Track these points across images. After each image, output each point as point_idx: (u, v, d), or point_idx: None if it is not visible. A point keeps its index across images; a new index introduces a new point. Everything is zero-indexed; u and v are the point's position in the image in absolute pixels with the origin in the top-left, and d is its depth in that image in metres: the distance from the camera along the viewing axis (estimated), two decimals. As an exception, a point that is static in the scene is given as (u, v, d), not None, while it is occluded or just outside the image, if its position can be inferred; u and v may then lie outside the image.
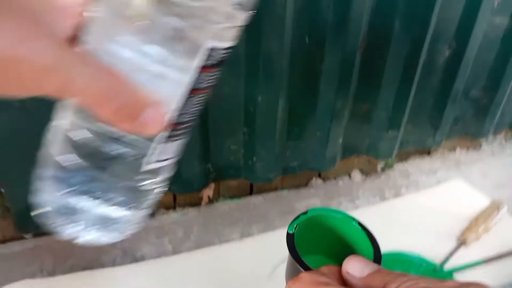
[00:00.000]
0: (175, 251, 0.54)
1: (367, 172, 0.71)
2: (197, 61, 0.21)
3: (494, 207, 0.61)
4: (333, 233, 0.33)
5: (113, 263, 0.52)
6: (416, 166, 0.74)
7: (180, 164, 0.53)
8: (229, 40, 0.22)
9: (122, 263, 0.52)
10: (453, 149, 0.78)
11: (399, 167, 0.73)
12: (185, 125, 0.23)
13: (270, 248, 0.53)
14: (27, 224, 0.51)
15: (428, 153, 0.76)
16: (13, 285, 0.46)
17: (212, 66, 0.22)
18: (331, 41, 0.51)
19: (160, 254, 0.53)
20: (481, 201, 0.64)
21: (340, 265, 0.27)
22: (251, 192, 0.65)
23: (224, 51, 0.22)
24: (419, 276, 0.25)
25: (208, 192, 0.59)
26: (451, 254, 0.54)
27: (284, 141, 0.58)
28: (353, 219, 0.32)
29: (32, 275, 0.49)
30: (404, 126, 0.65)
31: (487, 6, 0.59)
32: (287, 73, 0.52)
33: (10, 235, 0.53)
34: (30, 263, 0.51)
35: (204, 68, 0.21)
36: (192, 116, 0.23)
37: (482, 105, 0.72)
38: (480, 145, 0.81)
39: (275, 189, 0.65)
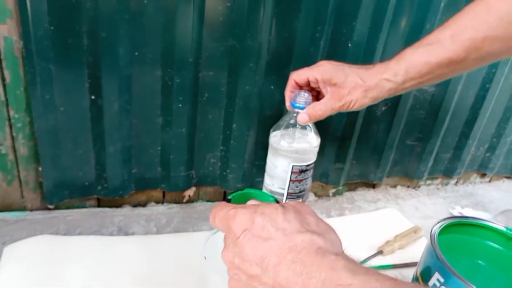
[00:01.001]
0: (158, 232, 0.70)
1: (320, 195, 0.88)
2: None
3: (413, 230, 0.78)
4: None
5: (110, 235, 0.68)
6: (361, 195, 0.91)
7: (170, 168, 0.71)
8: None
9: (117, 236, 0.68)
10: (394, 186, 0.95)
11: (347, 194, 0.90)
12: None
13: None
14: (52, 198, 0.68)
15: (373, 186, 0.94)
16: (35, 237, 0.63)
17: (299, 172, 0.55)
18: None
19: (147, 233, 0.70)
20: (405, 225, 0.80)
21: None
22: (224, 198, 0.82)
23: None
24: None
25: (189, 192, 0.76)
26: (369, 258, 0.70)
27: (251, 160, 0.76)
28: (272, 196, 0.49)
29: (50, 236, 0.66)
30: (350, 161, 0.83)
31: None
32: (257, 110, 0.71)
33: (37, 206, 0.70)
34: (49, 228, 0.68)
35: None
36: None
37: (417, 152, 0.90)
38: (419, 186, 0.98)
39: (244, 198, 0.83)
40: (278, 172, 0.61)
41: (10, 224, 0.66)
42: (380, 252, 0.72)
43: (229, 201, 0.46)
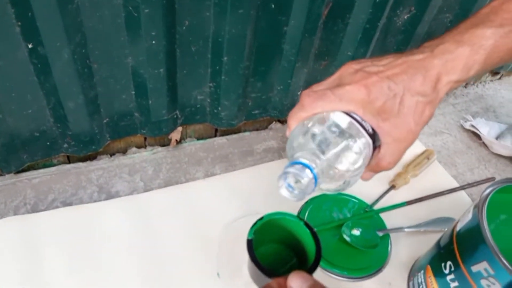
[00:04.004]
0: (146, 188, 0.61)
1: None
2: None
3: (425, 156, 0.71)
4: (285, 233, 0.40)
5: (91, 198, 0.58)
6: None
7: (150, 113, 0.58)
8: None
9: (98, 198, 0.59)
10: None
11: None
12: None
13: (231, 186, 0.62)
14: (8, 166, 0.55)
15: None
16: (2, 221, 0.52)
17: None
18: (297, 7, 0.53)
19: (133, 191, 0.60)
20: (416, 149, 0.73)
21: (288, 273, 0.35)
22: (215, 134, 0.71)
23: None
24: None
25: (176, 136, 0.64)
26: (381, 196, 0.65)
27: (247, 93, 0.63)
28: (301, 219, 0.39)
29: (17, 208, 0.55)
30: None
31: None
32: (252, 37, 0.55)
33: (-8, 172, 0.58)
34: (13, 198, 0.57)
35: None
36: None
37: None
38: (427, 93, 0.88)
39: (238, 131, 0.72)
40: None
41: (-36, 200, 0.55)
42: (392, 187, 0.66)
43: (250, 244, 0.35)
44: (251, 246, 0.37)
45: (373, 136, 0.41)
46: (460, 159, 0.75)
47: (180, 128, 0.65)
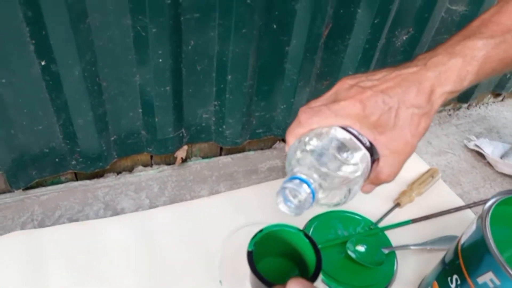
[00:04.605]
0: (152, 205, 0.62)
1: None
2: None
3: (429, 174, 0.71)
4: (285, 245, 0.41)
5: (97, 215, 0.59)
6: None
7: (156, 131, 0.59)
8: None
9: (104, 215, 0.59)
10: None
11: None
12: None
13: (235, 204, 0.62)
14: (17, 182, 0.56)
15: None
16: (8, 235, 0.53)
17: None
18: (298, 28, 0.56)
19: (138, 208, 0.61)
20: (420, 168, 0.73)
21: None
22: (220, 153, 0.72)
23: None
24: None
25: (181, 154, 0.66)
26: (386, 214, 0.65)
27: (251, 112, 0.65)
28: (300, 230, 0.39)
29: (24, 224, 0.56)
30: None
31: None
32: (255, 56, 0.57)
33: (2, 188, 0.59)
34: (21, 214, 0.57)
35: None
36: None
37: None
38: (430, 114, 0.89)
39: (243, 150, 0.73)
40: None
41: (-27, 215, 0.56)
42: (397, 205, 0.66)
43: (251, 255, 0.36)
44: (251, 257, 0.37)
45: (371, 149, 0.42)
46: (465, 178, 0.74)
47: (185, 147, 0.66)
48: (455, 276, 0.45)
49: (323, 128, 0.41)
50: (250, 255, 0.37)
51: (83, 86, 0.50)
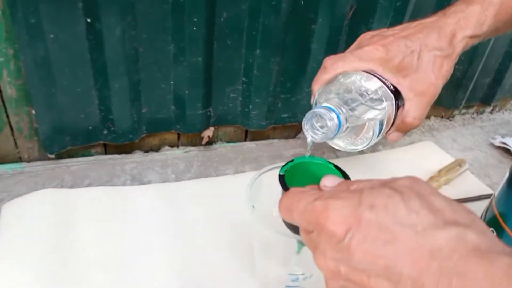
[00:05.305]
0: (177, 180, 0.62)
1: (349, 130, 0.79)
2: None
3: (457, 163, 0.70)
4: (314, 175, 0.41)
5: (124, 185, 0.60)
6: (394, 129, 0.82)
7: (185, 106, 0.61)
8: None
9: (131, 185, 0.60)
10: (428, 117, 0.87)
11: (378, 128, 0.82)
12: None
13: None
14: (52, 146, 0.58)
15: (406, 119, 0.85)
16: (37, 192, 0.54)
17: None
18: (323, 5, 0.59)
19: (164, 181, 0.61)
20: (446, 159, 0.73)
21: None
22: (245, 138, 0.73)
23: None
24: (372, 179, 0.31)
25: (208, 133, 0.67)
26: (414, 197, 0.63)
27: (277, 93, 0.66)
28: (330, 163, 0.39)
29: (54, 189, 0.57)
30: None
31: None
32: (283, 32, 0.60)
33: (35, 156, 0.61)
34: (51, 181, 0.59)
35: None
36: None
37: (455, 78, 0.80)
38: (453, 116, 0.90)
39: (267, 137, 0.74)
40: None
41: (6, 178, 0.57)
42: (425, 189, 0.65)
43: (282, 178, 0.36)
44: (283, 180, 0.37)
45: (396, 94, 0.43)
46: (493, 171, 0.73)
47: (212, 128, 0.68)
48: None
49: (348, 73, 0.43)
50: (282, 178, 0.37)
51: (122, 49, 0.53)
